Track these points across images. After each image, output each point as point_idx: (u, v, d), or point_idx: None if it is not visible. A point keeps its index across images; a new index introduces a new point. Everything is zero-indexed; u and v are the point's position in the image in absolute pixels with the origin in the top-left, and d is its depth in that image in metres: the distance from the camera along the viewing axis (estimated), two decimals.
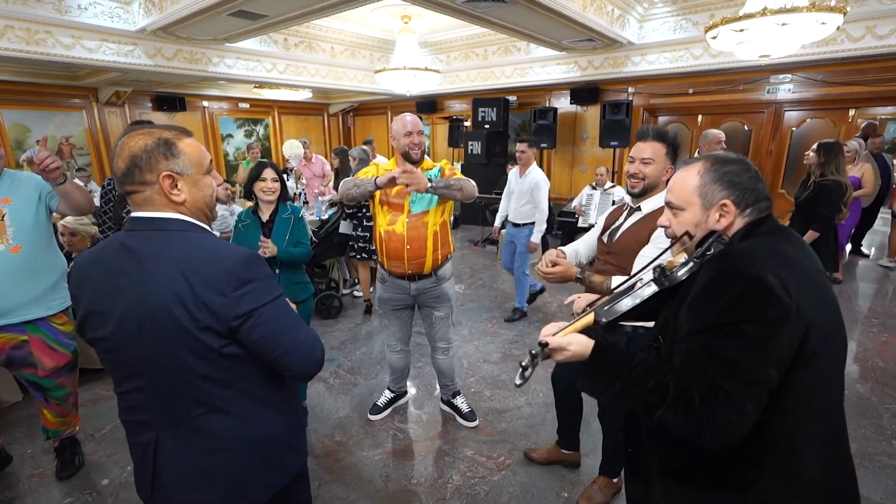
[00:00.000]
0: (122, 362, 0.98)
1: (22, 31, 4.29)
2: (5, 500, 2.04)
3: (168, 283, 0.90)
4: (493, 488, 2.10)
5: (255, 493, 1.05)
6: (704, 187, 0.97)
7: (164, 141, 0.95)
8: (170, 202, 0.97)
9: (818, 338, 0.83)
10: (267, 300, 0.95)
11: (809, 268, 0.89)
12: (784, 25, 3.17)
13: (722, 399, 0.79)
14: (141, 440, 1.01)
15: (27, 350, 1.92)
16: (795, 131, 5.87)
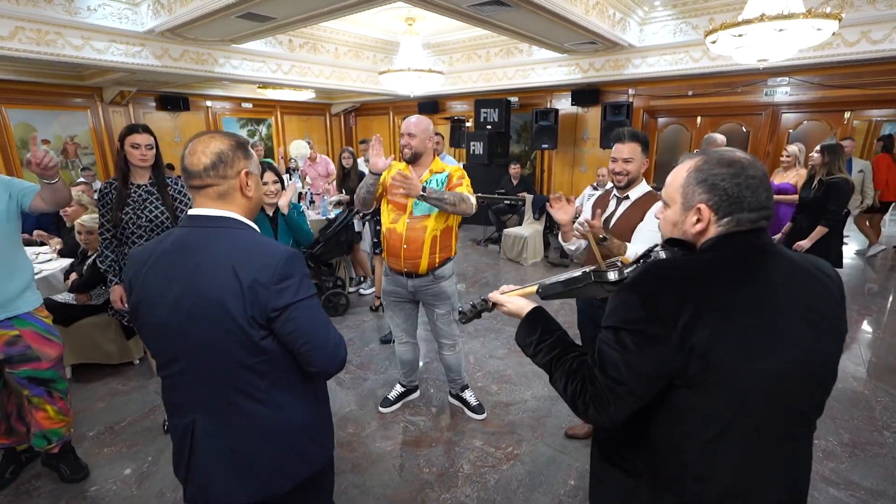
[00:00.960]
0: (169, 347, 1.05)
1: (33, 31, 4.34)
2: (33, 489, 2.11)
3: (220, 276, 0.98)
4: (502, 476, 2.19)
5: (281, 480, 1.11)
6: (687, 187, 0.91)
7: (243, 143, 1.09)
8: (243, 196, 1.08)
9: (716, 367, 0.80)
10: (303, 297, 1.03)
11: (764, 301, 0.83)
12: (781, 31, 3.26)
13: (596, 386, 0.89)
14: (180, 422, 1.09)
15: (24, 345, 1.90)
16: (792, 133, 5.97)
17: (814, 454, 2.29)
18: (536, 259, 6.09)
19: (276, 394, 1.07)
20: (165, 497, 2.06)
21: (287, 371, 1.08)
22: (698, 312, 0.80)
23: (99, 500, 2.05)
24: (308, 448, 1.15)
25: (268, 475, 1.09)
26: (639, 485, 0.96)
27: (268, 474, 1.09)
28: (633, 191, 2.00)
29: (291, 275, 1.01)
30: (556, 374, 0.98)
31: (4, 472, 2.13)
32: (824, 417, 2.58)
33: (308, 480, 1.16)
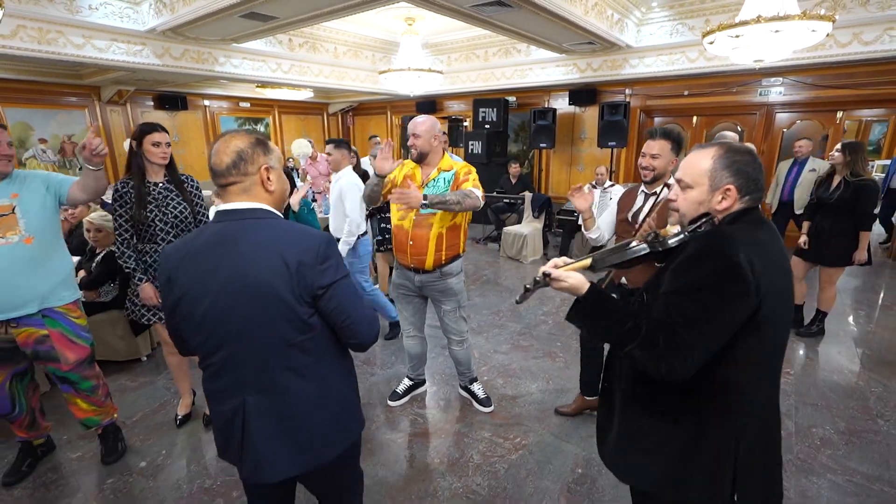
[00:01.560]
0: (214, 336, 1.11)
1: (34, 30, 4.34)
2: (50, 481, 2.14)
3: (266, 260, 1.05)
4: (511, 466, 2.24)
5: (328, 450, 1.20)
6: (715, 171, 1.08)
7: (262, 140, 1.15)
8: (265, 191, 1.14)
9: (769, 307, 1.00)
10: (341, 276, 1.12)
11: (777, 256, 1.06)
12: (777, 32, 3.35)
13: (679, 345, 0.98)
14: (227, 407, 1.14)
15: (49, 345, 1.96)
16: (786, 132, 6.08)
17: (812, 442, 2.37)
18: (536, 257, 6.15)
19: (320, 369, 1.16)
20: (182, 489, 2.10)
21: (329, 347, 1.17)
22: (759, 265, 0.98)
23: (116, 492, 2.08)
24: (348, 418, 1.25)
25: (316, 446, 1.17)
26: (685, 428, 1.08)
27: (316, 445, 1.17)
28: (660, 187, 2.07)
29: (331, 256, 1.11)
30: (633, 343, 1.03)
31: (21, 465, 2.16)
32: (821, 407, 2.68)
33: (346, 449, 1.25)
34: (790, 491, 2.04)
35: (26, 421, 2.11)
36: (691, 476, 1.07)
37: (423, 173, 2.33)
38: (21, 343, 1.95)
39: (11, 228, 1.86)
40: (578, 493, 2.07)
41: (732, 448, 1.05)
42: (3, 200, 1.86)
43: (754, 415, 1.06)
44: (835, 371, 3.11)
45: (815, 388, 2.88)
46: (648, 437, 1.13)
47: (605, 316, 1.09)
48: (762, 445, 1.09)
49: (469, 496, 2.06)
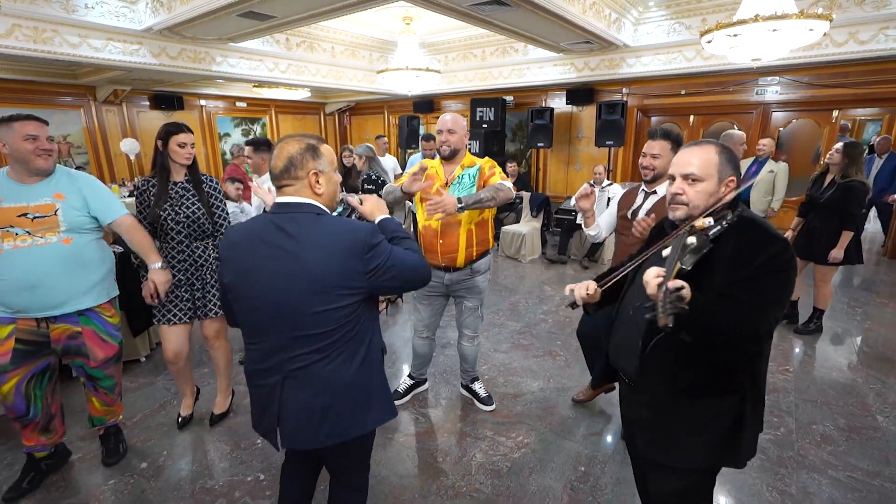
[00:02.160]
0: (263, 318, 1.24)
1: (29, 29, 4.30)
2: (51, 483, 2.12)
3: (320, 250, 1.19)
4: (514, 464, 2.25)
5: (356, 427, 1.30)
6: (722, 165, 1.21)
7: (312, 146, 1.26)
8: (314, 193, 1.27)
9: None
10: (388, 253, 1.25)
11: None
12: (775, 31, 3.37)
13: (764, 318, 1.08)
14: (267, 383, 1.28)
15: (80, 340, 2.00)
16: (782, 131, 6.12)
17: (813, 439, 2.39)
18: (534, 256, 6.16)
19: (356, 357, 1.28)
20: (184, 489, 2.09)
21: (364, 338, 1.30)
22: None
23: (118, 493, 2.07)
24: (374, 403, 1.34)
25: (345, 423, 1.29)
26: (729, 400, 1.19)
27: (345, 422, 1.29)
28: (660, 186, 2.11)
29: (376, 244, 1.23)
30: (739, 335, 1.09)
31: (23, 481, 2.07)
32: (820, 404, 2.70)
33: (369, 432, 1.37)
34: (791, 487, 2.05)
35: (41, 424, 2.05)
36: (740, 440, 1.20)
37: (445, 171, 2.33)
38: (54, 339, 1.97)
39: (52, 229, 1.88)
40: (582, 490, 2.07)
41: (761, 404, 1.24)
42: (46, 199, 1.87)
43: (764, 373, 1.24)
44: (833, 368, 3.13)
45: (814, 386, 2.90)
46: (701, 417, 1.22)
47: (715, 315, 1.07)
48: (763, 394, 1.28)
49: (472, 495, 2.06)
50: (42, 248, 1.85)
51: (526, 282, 5.15)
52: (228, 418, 2.61)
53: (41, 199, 1.87)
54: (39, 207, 1.86)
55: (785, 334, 3.62)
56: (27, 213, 1.84)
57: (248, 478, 2.15)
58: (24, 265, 1.83)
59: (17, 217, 1.83)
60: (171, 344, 2.34)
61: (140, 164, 7.82)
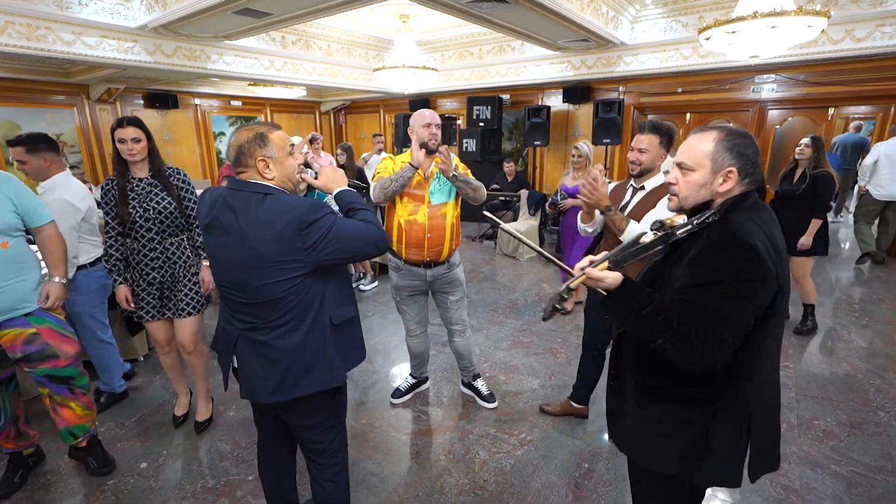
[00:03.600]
0: (221, 281, 1.41)
1: (23, 26, 4.24)
2: (49, 483, 2.09)
3: (262, 232, 1.27)
4: (517, 461, 2.24)
5: (296, 389, 1.39)
6: (717, 154, 1.10)
7: (260, 135, 1.33)
8: (265, 179, 1.35)
9: (781, 296, 1.05)
10: (328, 226, 1.29)
11: (777, 235, 1.09)
12: (773, 28, 3.38)
13: (713, 337, 0.98)
14: (229, 334, 1.44)
15: (42, 342, 1.89)
16: (778, 129, 6.15)
17: (815, 434, 2.39)
18: (532, 254, 6.16)
19: (301, 326, 1.36)
20: (185, 489, 2.06)
21: (310, 308, 1.37)
22: (771, 249, 1.02)
23: (118, 493, 2.04)
24: (320, 368, 1.40)
25: (289, 385, 1.38)
26: (699, 412, 1.11)
27: (289, 384, 1.38)
28: (648, 181, 2.07)
29: (315, 219, 1.28)
30: (665, 336, 1.02)
31: (13, 476, 2.06)
32: (821, 400, 2.71)
33: (323, 393, 1.43)
34: (795, 483, 2.06)
35: (12, 432, 2.01)
36: (707, 457, 1.11)
37: (423, 167, 2.32)
38: (8, 346, 1.86)
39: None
40: (586, 487, 2.06)
41: (745, 429, 1.10)
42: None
43: (762, 396, 1.11)
44: (832, 364, 3.14)
45: (814, 382, 2.91)
46: (665, 423, 1.15)
47: (639, 307, 1.06)
48: (767, 422, 1.15)
49: (476, 492, 2.04)
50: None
51: (524, 280, 5.15)
52: (228, 417, 2.58)
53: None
54: None
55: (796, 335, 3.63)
56: None
57: (250, 477, 2.13)
58: None
59: None
60: (160, 333, 2.35)
61: None
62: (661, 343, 1.03)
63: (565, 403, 2.58)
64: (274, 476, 1.69)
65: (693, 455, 1.12)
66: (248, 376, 1.42)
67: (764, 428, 1.13)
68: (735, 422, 1.10)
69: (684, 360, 1.02)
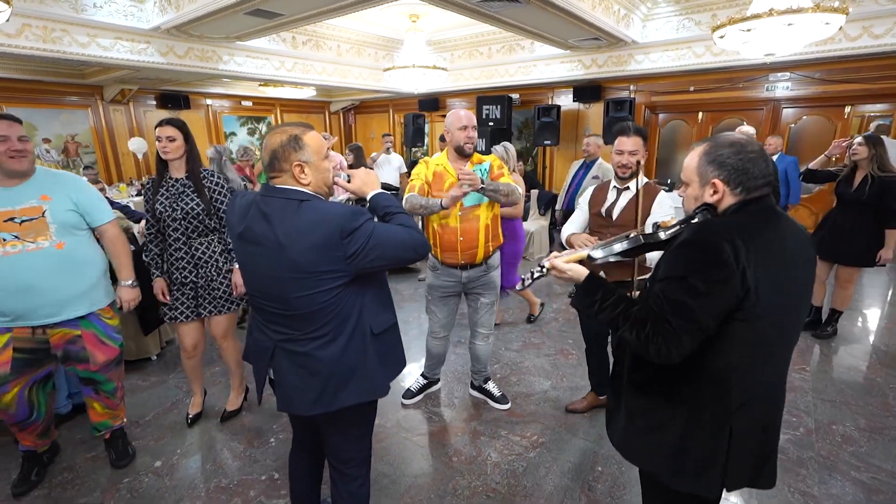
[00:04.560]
0: (255, 292, 1.35)
1: (39, 29, 4.31)
2: (66, 481, 2.12)
3: (300, 241, 1.21)
4: (529, 464, 2.22)
5: (335, 401, 1.35)
6: (701, 167, 1.13)
7: (294, 137, 1.26)
8: (299, 184, 1.29)
9: (761, 297, 1.00)
10: (368, 234, 1.24)
11: (783, 248, 1.05)
12: (790, 25, 3.32)
13: (666, 329, 1.03)
14: (264, 344, 1.39)
15: (81, 345, 1.95)
16: (793, 128, 6.05)
17: (833, 439, 2.35)
18: (542, 254, 6.12)
19: (346, 330, 1.33)
20: (198, 488, 2.08)
21: (355, 314, 1.33)
22: (748, 255, 0.99)
23: (133, 491, 2.06)
24: (359, 381, 1.37)
25: (335, 390, 1.34)
26: (680, 411, 1.12)
27: (335, 389, 1.34)
28: (633, 182, 2.09)
29: (356, 227, 1.23)
30: (625, 325, 1.10)
31: (29, 474, 2.07)
32: (839, 404, 2.66)
33: (357, 407, 1.39)
34: (814, 489, 2.02)
35: (40, 428, 2.04)
36: (684, 460, 1.12)
37: (456, 169, 2.30)
38: (54, 344, 1.93)
39: (42, 233, 1.82)
40: (600, 491, 2.04)
41: (725, 435, 1.09)
42: (32, 202, 1.81)
43: (750, 403, 1.09)
44: (851, 368, 3.08)
45: (832, 385, 2.86)
46: (648, 419, 1.18)
47: (601, 299, 1.17)
48: (757, 432, 1.12)
49: (489, 494, 2.03)
50: (34, 254, 1.79)
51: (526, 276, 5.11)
52: (241, 417, 2.60)
53: (27, 202, 1.79)
54: (26, 210, 1.78)
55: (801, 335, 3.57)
56: (14, 218, 1.76)
57: (263, 476, 2.14)
58: (15, 272, 1.77)
59: (3, 222, 1.75)
60: (188, 338, 2.37)
61: (147, 164, 7.83)
62: (621, 332, 1.11)
63: (590, 397, 2.62)
64: (301, 478, 1.68)
65: (672, 456, 1.13)
66: (286, 388, 1.37)
67: (744, 443, 1.10)
68: (711, 429, 1.09)
69: (641, 350, 1.07)
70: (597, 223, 2.21)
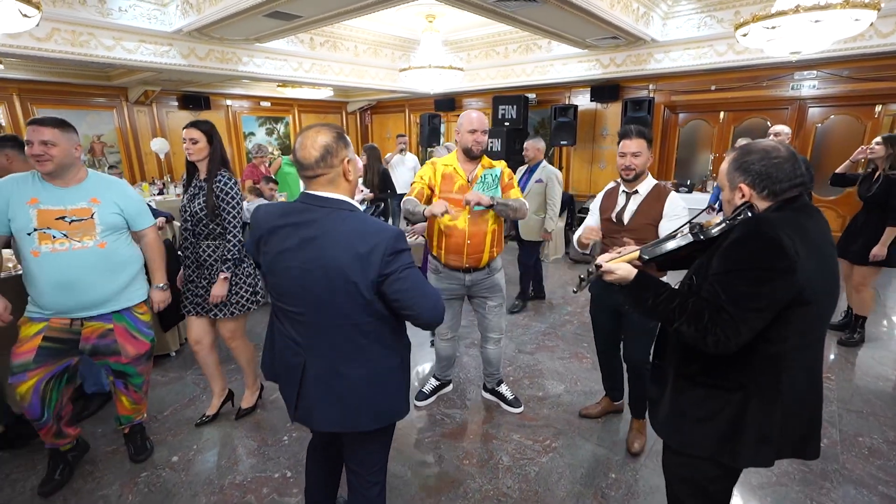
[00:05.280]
0: (289, 304, 1.29)
1: (68, 33, 4.44)
2: (87, 473, 2.17)
3: (344, 250, 1.20)
4: (542, 469, 2.20)
5: (367, 419, 1.35)
6: (730, 173, 1.23)
7: (341, 134, 1.28)
8: (346, 181, 1.29)
9: (811, 291, 1.08)
10: (407, 264, 1.25)
11: (820, 239, 1.13)
12: (817, 22, 3.21)
13: (725, 318, 1.08)
14: (293, 361, 1.34)
15: (112, 338, 2.01)
16: (819, 128, 5.86)
17: (859, 452, 2.27)
18: (558, 255, 6.07)
19: (372, 354, 1.31)
20: (214, 484, 2.11)
21: (385, 332, 1.32)
22: (801, 245, 1.06)
23: (150, 485, 2.10)
24: (392, 398, 1.38)
25: (358, 412, 1.33)
26: (736, 397, 1.17)
27: (358, 412, 1.33)
28: (641, 185, 2.09)
29: (400, 249, 1.23)
30: (681, 319, 1.14)
31: (54, 473, 2.09)
32: (867, 415, 2.57)
33: (380, 429, 1.39)
34: (838, 502, 1.95)
35: (53, 429, 2.06)
36: (741, 440, 1.17)
37: (466, 170, 2.30)
38: (84, 337, 1.98)
39: (89, 233, 1.89)
40: (614, 499, 2.01)
41: (778, 413, 1.15)
42: (83, 204, 1.89)
43: (797, 383, 1.16)
44: (879, 378, 2.97)
45: (858, 395, 2.76)
46: (700, 408, 1.22)
47: (654, 295, 1.22)
48: (804, 408, 1.19)
49: (500, 499, 2.02)
50: (79, 252, 1.87)
51: (550, 282, 5.08)
52: (255, 414, 2.64)
53: (78, 203, 1.88)
54: (76, 211, 1.87)
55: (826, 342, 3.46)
56: (65, 217, 1.85)
57: (276, 475, 2.17)
58: (61, 268, 1.84)
59: (55, 220, 1.83)
60: (192, 332, 2.44)
61: (169, 163, 8.01)
62: (676, 326, 1.15)
63: (605, 402, 2.58)
64: (317, 480, 1.69)
65: (726, 438, 1.19)
66: (308, 401, 1.34)
67: (793, 418, 1.18)
68: (764, 410, 1.16)
69: (698, 341, 1.11)
70: (609, 228, 2.18)
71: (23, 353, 1.90)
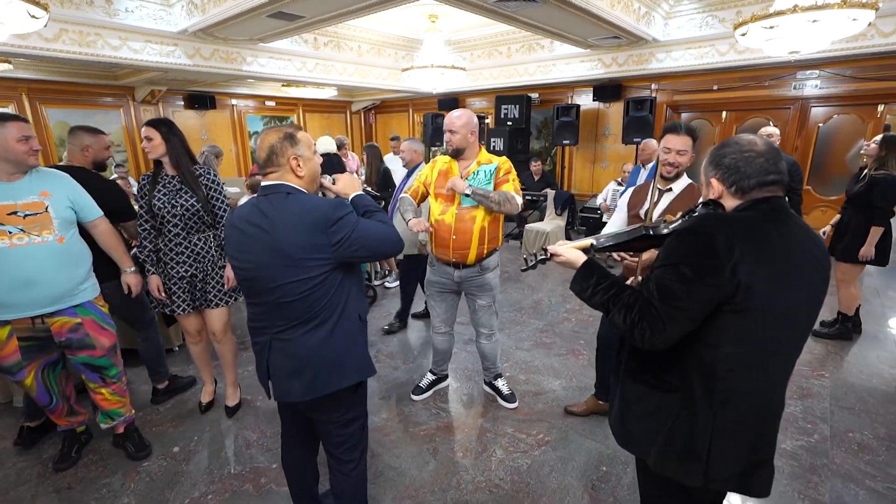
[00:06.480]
0: (254, 288, 1.41)
1: (75, 33, 4.52)
2: (92, 462, 2.24)
3: (288, 231, 1.31)
4: (534, 462, 2.24)
5: (324, 387, 1.44)
6: (705, 167, 1.20)
7: (289, 135, 1.39)
8: (296, 177, 1.40)
9: (754, 301, 1.00)
10: (352, 227, 1.35)
11: (784, 248, 1.03)
12: (815, 22, 3.22)
13: (652, 314, 1.05)
14: (259, 341, 1.48)
15: (83, 332, 2.02)
16: (822, 127, 5.85)
17: (849, 447, 2.29)
18: None
19: (327, 324, 1.41)
20: (213, 474, 2.17)
21: (336, 307, 1.41)
22: (744, 250, 0.99)
23: (152, 474, 2.16)
24: (346, 365, 1.47)
25: (318, 384, 1.43)
26: (670, 399, 1.14)
27: (318, 383, 1.43)
28: (676, 183, 2.04)
29: (340, 216, 1.33)
30: (615, 309, 1.13)
31: (70, 451, 2.22)
32: (859, 412, 2.59)
33: (346, 389, 1.48)
34: (825, 496, 1.98)
35: (65, 409, 2.16)
36: (671, 446, 1.13)
37: (460, 167, 2.35)
38: (55, 332, 2.00)
39: (47, 227, 1.90)
40: (603, 490, 2.05)
41: (709, 427, 1.09)
42: (33, 197, 1.88)
43: (736, 401, 1.08)
44: (873, 375, 2.98)
45: (851, 392, 2.77)
46: (640, 405, 1.21)
47: (595, 283, 1.21)
48: (747, 434, 1.11)
49: (492, 490, 2.06)
50: (39, 247, 1.87)
51: (549, 280, 5.11)
52: (253, 407, 2.69)
53: (28, 197, 1.87)
54: (28, 205, 1.86)
55: (817, 337, 3.47)
56: (17, 212, 1.83)
57: (273, 465, 2.22)
58: (20, 263, 1.84)
59: (7, 215, 1.82)
60: (191, 325, 2.49)
61: None
62: (611, 317, 1.14)
63: (590, 401, 2.58)
64: (296, 468, 1.74)
65: (661, 444, 1.15)
66: (280, 377, 1.44)
67: (730, 441, 1.09)
68: (695, 419, 1.09)
69: (627, 334, 1.10)
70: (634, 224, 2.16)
71: (9, 356, 1.95)
